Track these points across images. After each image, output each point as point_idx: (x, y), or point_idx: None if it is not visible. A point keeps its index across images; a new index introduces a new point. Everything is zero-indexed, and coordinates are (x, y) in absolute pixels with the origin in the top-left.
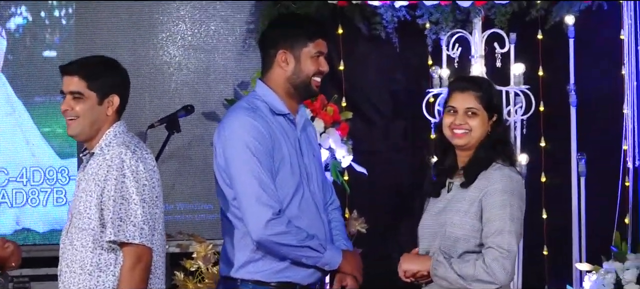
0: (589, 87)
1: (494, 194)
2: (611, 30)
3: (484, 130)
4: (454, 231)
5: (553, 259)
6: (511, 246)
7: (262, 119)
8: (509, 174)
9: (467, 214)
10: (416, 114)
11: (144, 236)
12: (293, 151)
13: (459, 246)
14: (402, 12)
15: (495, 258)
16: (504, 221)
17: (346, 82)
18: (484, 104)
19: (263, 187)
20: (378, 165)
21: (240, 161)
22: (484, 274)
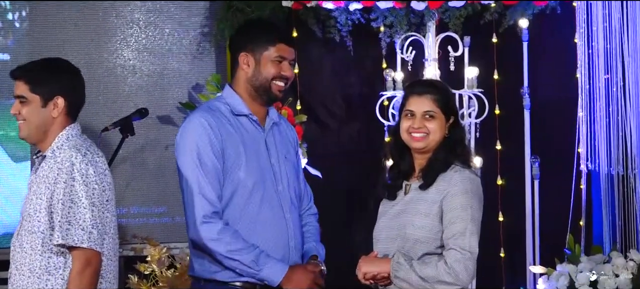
0: (543, 90)
1: (455, 196)
2: (565, 33)
3: (442, 133)
4: (414, 233)
5: (508, 261)
6: (473, 247)
7: (216, 120)
8: (469, 176)
9: (428, 216)
10: (370, 117)
11: (93, 240)
12: (254, 151)
13: (419, 247)
14: (356, 15)
15: (458, 259)
16: (465, 222)
17: (300, 86)
18: (441, 107)
19: (200, 189)
20: (332, 168)
21: (184, 161)
22: (446, 275)
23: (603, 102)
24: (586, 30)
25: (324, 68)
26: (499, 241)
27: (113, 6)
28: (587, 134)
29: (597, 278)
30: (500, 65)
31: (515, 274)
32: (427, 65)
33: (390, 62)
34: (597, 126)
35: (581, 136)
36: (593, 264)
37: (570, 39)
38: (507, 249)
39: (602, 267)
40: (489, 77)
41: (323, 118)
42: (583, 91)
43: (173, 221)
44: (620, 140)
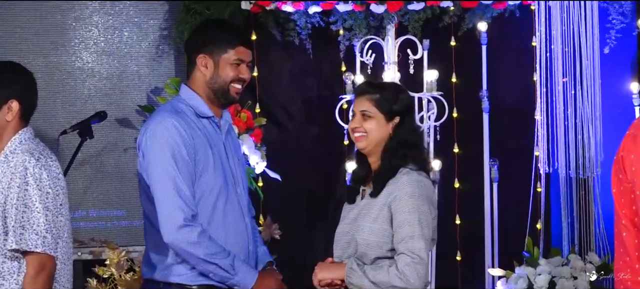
0: (502, 93)
1: (402, 199)
2: (523, 37)
3: (382, 133)
4: (365, 238)
5: (466, 264)
6: (422, 251)
7: (186, 123)
8: (417, 179)
9: (377, 220)
10: (329, 120)
11: (47, 245)
12: (218, 154)
13: (371, 252)
14: (315, 18)
15: (408, 263)
16: (413, 226)
17: (260, 89)
18: (380, 107)
19: (178, 192)
20: (292, 171)
21: (159, 164)
22: (397, 280)
23: (561, 105)
24: (544, 33)
25: (283, 71)
26: (457, 243)
27: (72, 9)
28: (546, 137)
29: (555, 280)
30: (459, 68)
31: (474, 277)
32: (387, 68)
33: (350, 65)
34: (555, 129)
35: (539, 138)
36: (551, 267)
37: (528, 42)
38: (466, 252)
39: (561, 270)
40: (448, 80)
41: (282, 121)
42: (541, 94)
43: (132, 224)
44: (578, 143)
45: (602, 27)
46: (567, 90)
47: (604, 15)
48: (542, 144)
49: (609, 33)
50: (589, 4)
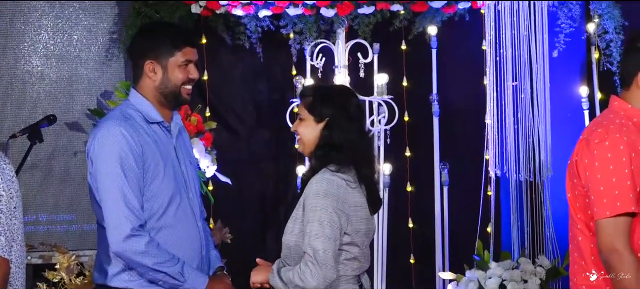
0: (452, 97)
1: (308, 197)
2: (473, 40)
3: (314, 135)
4: (287, 238)
5: (417, 267)
6: (318, 250)
7: (134, 129)
8: (326, 178)
9: (295, 220)
10: (280, 123)
11: (1, 248)
12: (169, 159)
13: (291, 252)
14: (266, 22)
15: (306, 262)
16: (313, 224)
17: (210, 92)
18: (309, 109)
19: (126, 202)
20: (242, 175)
21: (107, 173)
22: (298, 279)
23: (511, 109)
24: (494, 37)
25: (233, 75)
26: (409, 247)
27: (21, 12)
28: (496, 140)
29: (506, 283)
30: (409, 72)
31: (425, 281)
32: (337, 72)
33: (300, 69)
34: (505, 132)
35: (489, 142)
36: (501, 270)
37: (478, 46)
38: (417, 256)
39: (511, 273)
40: (399, 83)
41: (233, 125)
42: (491, 97)
43: (81, 228)
44: (528, 146)
45: (551, 31)
46: (517, 94)
47: (553, 19)
48: (492, 148)
49: (558, 37)
50: (539, 7)
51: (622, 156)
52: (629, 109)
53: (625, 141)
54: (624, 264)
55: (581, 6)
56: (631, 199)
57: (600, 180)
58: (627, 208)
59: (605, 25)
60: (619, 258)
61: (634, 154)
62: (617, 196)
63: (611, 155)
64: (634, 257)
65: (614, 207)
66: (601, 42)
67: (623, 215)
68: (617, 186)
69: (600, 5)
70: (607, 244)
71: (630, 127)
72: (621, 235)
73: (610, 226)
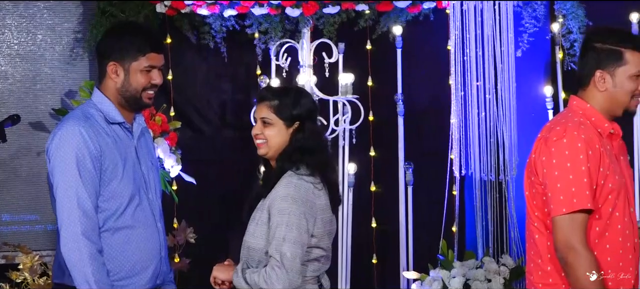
0: (417, 96)
1: (275, 201)
2: (438, 40)
3: (283, 139)
4: (249, 240)
5: (381, 267)
6: (285, 255)
7: (94, 129)
8: (294, 182)
9: (259, 223)
10: (244, 123)
11: None
12: (129, 160)
13: (255, 254)
14: (231, 21)
15: (272, 266)
16: (280, 229)
17: (174, 92)
18: (279, 113)
19: (79, 203)
20: (206, 175)
21: (63, 174)
22: (263, 282)
23: (476, 109)
24: (459, 37)
25: (198, 74)
26: (372, 247)
27: None
28: (460, 140)
29: (470, 282)
30: (374, 71)
31: (388, 280)
32: (302, 71)
33: (265, 68)
34: (470, 132)
35: (454, 142)
36: (465, 270)
37: (443, 46)
38: (381, 255)
39: (475, 272)
40: (364, 83)
41: (197, 124)
42: (456, 97)
43: (45, 228)
44: (493, 146)
45: (516, 31)
46: (482, 93)
47: (517, 19)
48: (456, 147)
49: (523, 37)
50: (504, 7)
51: (580, 154)
52: (587, 108)
53: (583, 138)
54: (581, 262)
55: (545, 6)
56: (587, 196)
57: (558, 177)
58: (584, 205)
59: (569, 25)
60: (576, 255)
61: (590, 152)
62: (574, 193)
63: (569, 152)
64: (590, 254)
65: (570, 204)
66: (565, 42)
67: (580, 212)
68: (574, 183)
69: (564, 5)
70: (563, 242)
71: (588, 126)
72: (578, 232)
73: (567, 223)
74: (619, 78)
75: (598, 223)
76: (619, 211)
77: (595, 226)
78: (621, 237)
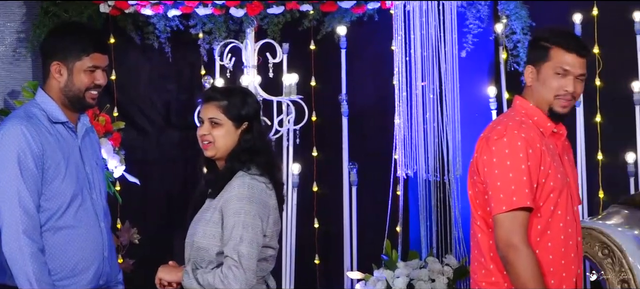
0: (361, 97)
1: (230, 202)
2: (382, 40)
3: (231, 140)
4: (199, 241)
5: (325, 267)
6: (243, 255)
7: (36, 128)
8: (248, 182)
9: (209, 223)
10: (189, 124)
11: None
12: (72, 160)
13: (205, 255)
14: (175, 21)
15: (229, 266)
16: (237, 229)
17: (118, 92)
18: (228, 114)
19: (20, 203)
20: (150, 175)
21: (4, 173)
22: (219, 283)
23: (420, 109)
24: (403, 37)
25: (142, 75)
26: (315, 247)
27: None
28: (404, 140)
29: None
30: (318, 72)
31: (332, 281)
32: (246, 72)
33: (209, 69)
34: (414, 132)
35: (398, 142)
36: (409, 270)
37: (387, 46)
38: (325, 256)
39: (419, 272)
40: (308, 83)
41: (141, 125)
42: (400, 97)
43: None
44: (437, 146)
45: (459, 32)
46: (426, 94)
47: (461, 20)
48: (400, 148)
49: (467, 37)
50: (448, 8)
51: (520, 152)
52: (529, 107)
53: (523, 137)
54: (521, 260)
55: (489, 7)
56: (527, 194)
57: (498, 176)
58: (523, 203)
59: (512, 26)
60: (516, 253)
61: (531, 150)
62: (514, 191)
63: (509, 151)
64: (531, 252)
65: (510, 202)
66: (509, 43)
67: (520, 210)
68: (513, 181)
69: (508, 5)
70: (504, 240)
71: (530, 125)
72: (518, 230)
73: (508, 221)
74: (543, 74)
75: (539, 221)
76: (562, 210)
77: (537, 224)
78: (563, 235)
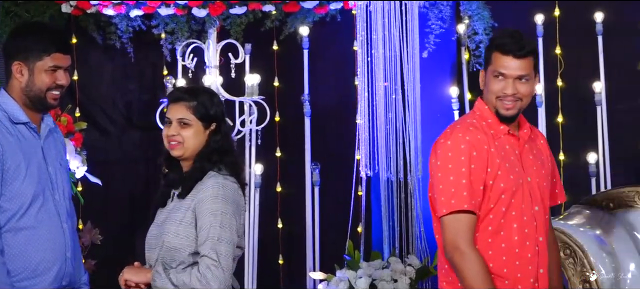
0: (323, 97)
1: (205, 202)
2: (345, 41)
3: (200, 140)
4: (170, 241)
5: (288, 267)
6: (222, 254)
7: None
8: (222, 182)
9: (182, 223)
10: (151, 124)
11: None
12: (34, 160)
13: (176, 255)
14: (137, 22)
15: (208, 266)
16: (215, 229)
17: (80, 92)
18: (198, 114)
19: None
20: (112, 175)
21: None
22: (197, 282)
23: (382, 109)
24: (366, 37)
25: (104, 75)
26: (278, 247)
27: None
28: (367, 140)
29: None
30: (281, 72)
31: (295, 281)
32: (209, 72)
33: (172, 69)
34: (376, 133)
35: (361, 142)
36: (372, 270)
37: (349, 47)
38: (287, 256)
39: (381, 272)
40: (270, 84)
41: (103, 125)
42: (362, 97)
43: None
44: (399, 146)
45: (422, 32)
46: (388, 94)
47: (423, 20)
48: (363, 148)
49: (429, 38)
50: (410, 8)
51: (461, 155)
52: (485, 110)
53: (467, 140)
54: (466, 263)
55: (451, 7)
56: (466, 197)
57: (441, 178)
58: (461, 206)
59: (475, 27)
60: (461, 256)
61: (475, 153)
62: (453, 193)
63: (451, 154)
64: (475, 255)
65: (449, 205)
66: (471, 43)
67: (464, 213)
68: (453, 184)
69: (470, 6)
70: (449, 242)
71: (482, 127)
72: (463, 233)
73: (451, 224)
74: (487, 78)
75: (491, 222)
76: (516, 211)
77: (489, 226)
78: (517, 236)
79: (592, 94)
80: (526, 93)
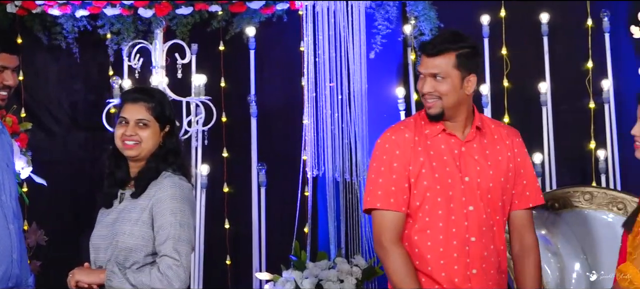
0: (270, 97)
1: (164, 201)
2: (291, 41)
3: (156, 141)
4: (125, 241)
5: (234, 268)
6: (183, 253)
7: None
8: (178, 182)
9: (137, 223)
10: (96, 124)
11: None
12: None
13: (130, 256)
14: (83, 22)
15: (170, 265)
16: (175, 228)
17: (25, 93)
18: (155, 115)
19: None
20: (58, 176)
21: None
22: (158, 282)
23: (328, 110)
24: (312, 38)
25: (49, 75)
26: (225, 248)
27: None
28: (313, 140)
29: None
30: (227, 72)
31: (241, 281)
32: (155, 72)
33: (118, 69)
34: (322, 133)
35: (307, 142)
36: (318, 270)
37: (296, 47)
38: (234, 256)
39: (327, 273)
40: (216, 84)
41: (49, 126)
42: (309, 98)
43: None
44: (345, 147)
45: (368, 33)
46: (335, 95)
47: (370, 21)
48: (309, 148)
49: (375, 38)
50: (356, 9)
51: (384, 154)
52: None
53: (392, 139)
54: (388, 259)
55: (398, 8)
56: (379, 196)
57: (368, 176)
58: (373, 204)
59: (421, 27)
60: (384, 253)
61: (398, 151)
62: (371, 191)
63: (378, 153)
64: (399, 252)
65: (366, 202)
66: (417, 44)
67: (388, 211)
68: (371, 182)
69: (416, 6)
70: (375, 239)
71: (421, 126)
72: (385, 230)
73: (376, 221)
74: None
75: (418, 219)
76: (443, 209)
77: (415, 223)
78: (443, 235)
79: (537, 94)
80: (444, 91)
